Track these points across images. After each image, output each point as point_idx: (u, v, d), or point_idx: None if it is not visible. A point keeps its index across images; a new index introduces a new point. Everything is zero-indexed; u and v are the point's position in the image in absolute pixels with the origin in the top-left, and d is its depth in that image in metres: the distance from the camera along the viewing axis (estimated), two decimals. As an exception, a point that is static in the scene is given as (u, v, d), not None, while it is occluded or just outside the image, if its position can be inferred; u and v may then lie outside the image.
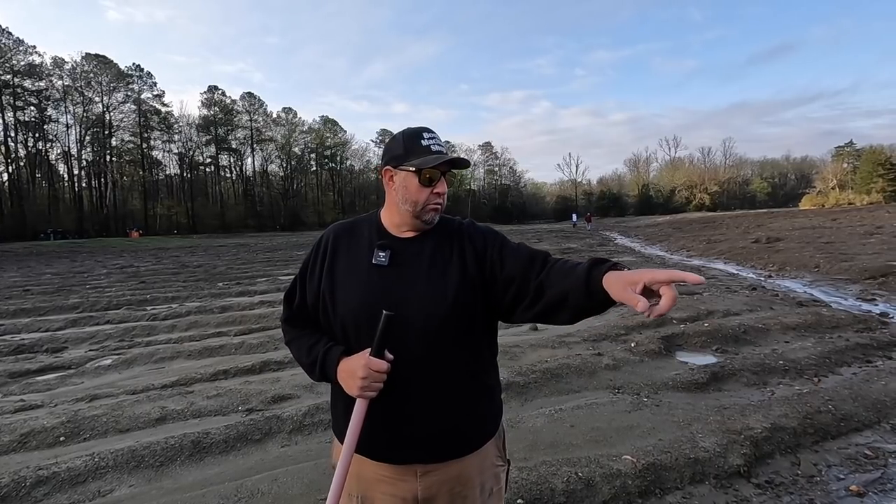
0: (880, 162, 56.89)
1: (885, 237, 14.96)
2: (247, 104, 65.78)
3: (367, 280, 1.17)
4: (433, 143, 1.19)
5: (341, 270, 1.21)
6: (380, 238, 1.21)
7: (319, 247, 1.27)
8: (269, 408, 3.78)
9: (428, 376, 1.14)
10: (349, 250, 1.23)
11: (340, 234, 1.27)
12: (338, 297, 1.19)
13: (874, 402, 3.50)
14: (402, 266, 1.18)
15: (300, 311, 1.28)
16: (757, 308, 6.67)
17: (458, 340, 1.16)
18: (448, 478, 1.16)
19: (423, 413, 1.14)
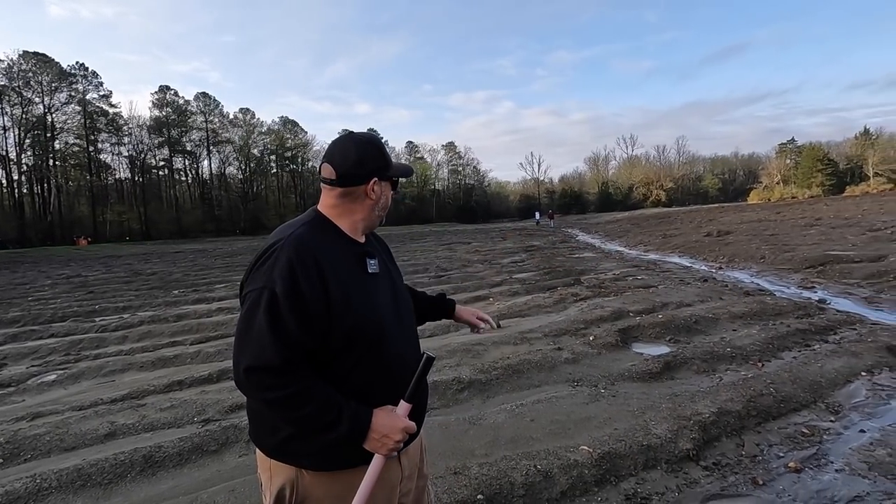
0: (819, 158, 60.61)
1: (823, 228, 15.93)
2: (201, 105, 63.54)
3: (373, 289, 1.21)
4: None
5: (346, 285, 1.13)
6: (357, 246, 1.24)
7: (304, 266, 1.08)
8: (227, 417, 3.68)
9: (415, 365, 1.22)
10: (335, 264, 1.14)
11: (319, 249, 1.14)
12: (357, 314, 1.12)
13: (811, 383, 3.73)
14: (385, 272, 1.29)
15: (299, 348, 1.06)
16: (708, 299, 6.98)
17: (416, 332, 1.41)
18: (413, 451, 1.30)
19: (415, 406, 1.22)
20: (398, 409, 1.14)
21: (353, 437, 1.07)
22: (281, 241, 1.14)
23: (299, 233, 1.17)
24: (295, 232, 1.17)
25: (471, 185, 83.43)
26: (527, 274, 10.91)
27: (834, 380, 3.82)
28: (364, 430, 1.08)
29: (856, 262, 9.04)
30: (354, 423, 1.06)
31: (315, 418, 1.05)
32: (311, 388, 1.06)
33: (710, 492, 2.52)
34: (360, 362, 1.15)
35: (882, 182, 55.77)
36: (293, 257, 1.09)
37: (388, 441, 1.09)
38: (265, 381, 1.05)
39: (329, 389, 1.08)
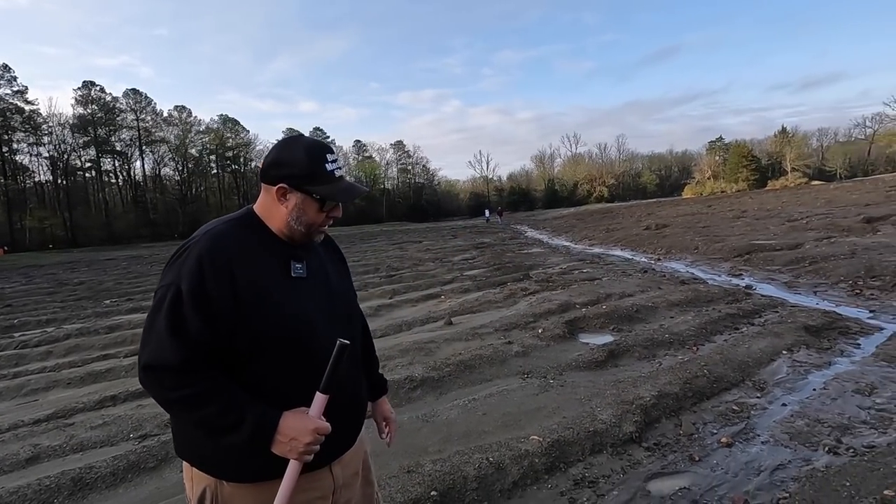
0: (744, 155, 65.15)
1: (748, 220, 17.15)
2: (132, 102, 59.58)
3: (296, 294, 1.13)
4: (337, 167, 1.15)
5: (260, 287, 1.07)
6: (285, 248, 1.16)
7: (214, 264, 1.04)
8: (167, 431, 3.48)
9: (353, 374, 1.24)
10: (256, 266, 1.09)
11: (237, 248, 1.09)
12: (270, 319, 1.06)
13: (740, 363, 4.01)
14: (317, 277, 1.20)
15: (201, 348, 1.02)
16: (647, 289, 7.34)
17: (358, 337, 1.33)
18: (350, 461, 1.25)
19: (340, 413, 1.16)
20: (314, 402, 1.05)
21: (258, 440, 1.01)
22: (196, 237, 1.10)
23: (218, 230, 1.12)
24: (214, 228, 1.13)
25: (421, 183, 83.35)
26: (477, 271, 11.04)
27: (759, 359, 4.12)
28: (269, 432, 1.02)
29: (777, 251, 9.80)
30: (259, 425, 1.01)
31: (216, 420, 1.01)
32: (213, 389, 1.02)
33: (652, 471, 2.66)
34: (279, 367, 1.09)
35: (798, 176, 60.78)
36: (204, 255, 1.05)
37: (298, 444, 1.01)
38: (164, 381, 1.02)
39: (234, 391, 1.03)
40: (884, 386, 3.46)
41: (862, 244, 9.23)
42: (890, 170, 57.97)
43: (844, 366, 3.97)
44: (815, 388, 3.55)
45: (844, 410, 3.15)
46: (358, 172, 75.40)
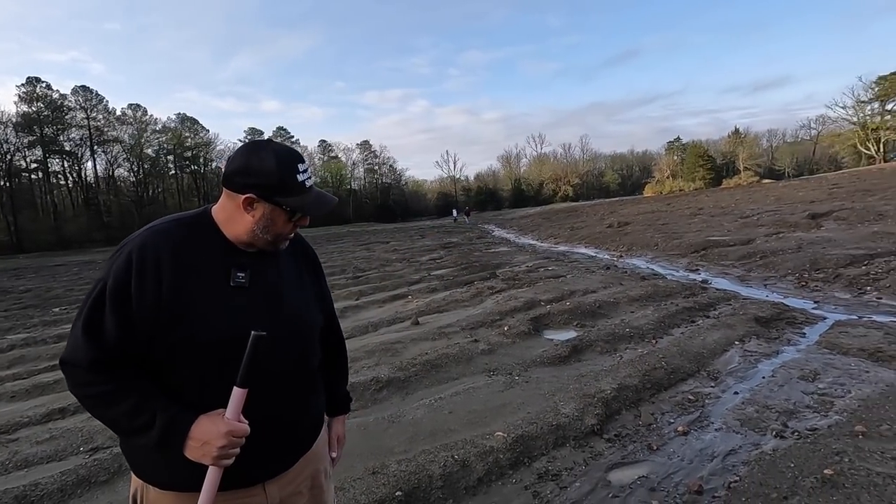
0: (700, 154, 67.75)
1: (705, 217, 17.84)
2: (81, 99, 56.67)
3: (231, 303, 1.06)
4: (307, 177, 1.10)
5: (188, 294, 1.02)
6: (230, 255, 1.10)
7: (143, 264, 1.01)
8: (118, 443, 3.33)
9: (289, 393, 1.15)
10: (195, 269, 1.05)
11: (171, 248, 1.04)
12: (195, 326, 1.02)
13: (695, 354, 4.17)
14: (262, 287, 1.12)
15: (116, 350, 0.99)
16: (610, 285, 7.53)
17: (311, 351, 1.23)
18: (292, 478, 1.18)
19: (273, 432, 1.11)
20: (231, 399, 0.99)
21: (168, 443, 0.98)
22: (138, 233, 1.07)
23: (160, 227, 1.08)
24: (157, 226, 1.09)
25: (388, 184, 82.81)
26: (445, 270, 11.07)
27: (714, 350, 4.30)
28: (179, 436, 0.97)
29: (731, 246, 10.24)
30: (168, 427, 0.97)
31: (125, 420, 0.99)
32: (124, 389, 0.99)
33: (612, 461, 2.73)
34: (198, 381, 1.04)
35: (750, 175, 63.60)
36: (135, 252, 1.02)
37: (211, 448, 0.96)
38: (76, 378, 1.01)
39: (148, 393, 1.00)
40: (825, 372, 3.67)
41: (807, 239, 9.76)
42: (833, 169, 61.52)
43: (791, 354, 4.18)
44: (764, 377, 3.73)
45: (790, 396, 3.33)
46: (324, 173, 74.27)
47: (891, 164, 38.36)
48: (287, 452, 1.16)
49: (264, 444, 1.09)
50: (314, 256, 1.35)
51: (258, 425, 1.05)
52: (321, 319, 1.29)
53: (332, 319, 1.39)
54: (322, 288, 1.34)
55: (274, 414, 1.11)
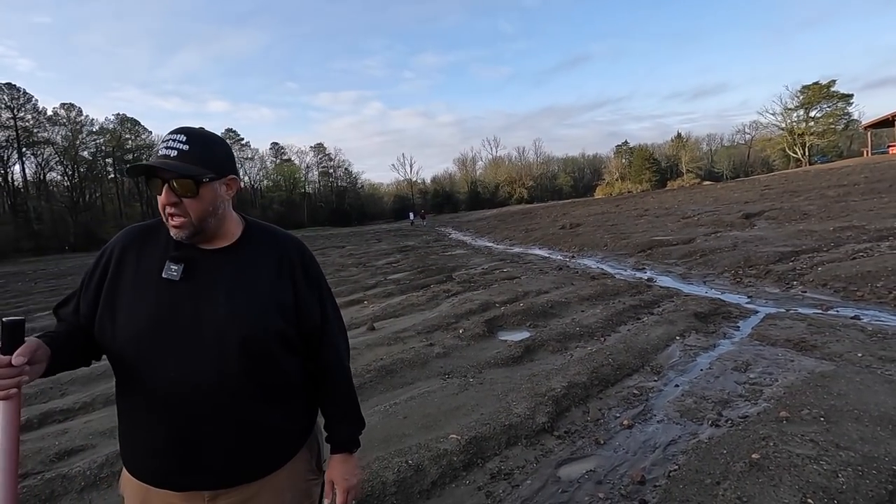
0: (647, 158, 70.90)
1: (650, 217, 18.67)
2: (7, 98, 52.63)
3: (154, 297, 1.06)
4: (165, 146, 1.05)
5: (126, 284, 1.08)
6: (176, 248, 1.09)
7: (102, 257, 1.13)
8: (52, 467, 3.13)
9: (220, 400, 1.06)
10: (139, 261, 1.10)
11: (130, 242, 1.13)
12: (118, 316, 1.06)
13: (640, 350, 4.37)
14: (197, 280, 1.08)
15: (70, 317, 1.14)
16: (562, 285, 7.76)
17: (261, 361, 1.10)
18: (241, 500, 1.12)
19: (212, 438, 1.07)
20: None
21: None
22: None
23: (128, 228, 1.20)
24: (128, 227, 1.21)
25: (343, 187, 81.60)
26: (401, 274, 11.04)
27: (657, 345, 4.52)
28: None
29: (674, 245, 10.77)
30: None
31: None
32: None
33: (562, 457, 2.82)
34: (122, 368, 1.09)
35: (692, 177, 67.17)
36: (103, 251, 1.16)
37: None
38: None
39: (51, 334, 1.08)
40: (756, 362, 3.94)
41: (742, 237, 10.42)
42: (765, 171, 65.87)
43: (726, 347, 4.46)
44: (702, 369, 3.96)
45: (725, 387, 3.55)
46: (277, 176, 72.28)
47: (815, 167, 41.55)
48: (229, 469, 1.09)
49: (203, 451, 1.06)
50: (299, 261, 1.22)
51: (196, 429, 1.05)
52: (276, 329, 1.12)
53: (312, 336, 1.22)
54: (297, 297, 1.18)
55: (212, 421, 1.06)
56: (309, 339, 1.22)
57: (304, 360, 1.24)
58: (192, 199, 1.06)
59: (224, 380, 1.06)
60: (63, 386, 4.72)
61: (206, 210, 1.08)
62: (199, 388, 1.04)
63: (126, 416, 1.13)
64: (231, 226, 1.17)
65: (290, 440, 1.20)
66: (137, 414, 1.09)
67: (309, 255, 1.26)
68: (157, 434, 1.06)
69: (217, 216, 1.12)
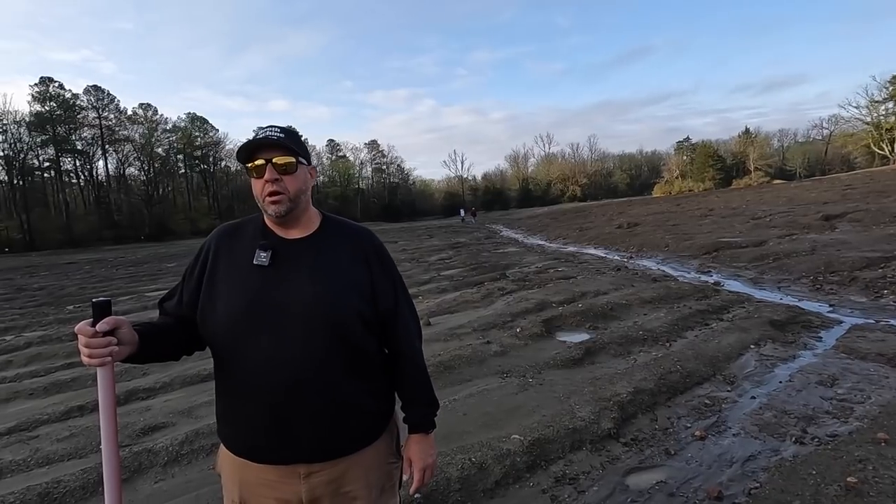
0: (710, 154, 67.23)
1: (715, 218, 17.70)
2: (93, 99, 57.28)
3: (247, 281, 1.15)
4: (262, 133, 1.17)
5: (222, 273, 1.18)
6: (263, 238, 1.20)
7: (202, 251, 1.24)
8: (139, 441, 3.37)
9: (305, 380, 1.12)
10: (231, 252, 1.20)
11: (223, 236, 1.24)
12: (217, 303, 1.16)
13: (710, 358, 4.14)
14: (284, 266, 1.17)
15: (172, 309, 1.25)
16: (621, 286, 7.50)
17: (344, 342, 1.16)
18: (333, 478, 1.17)
19: (305, 413, 1.12)
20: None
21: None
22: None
23: (223, 224, 1.30)
24: (223, 223, 1.30)
25: (395, 183, 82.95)
26: (454, 270, 11.07)
27: (729, 354, 4.27)
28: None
29: (743, 248, 10.15)
30: None
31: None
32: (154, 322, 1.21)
33: (630, 466, 2.72)
34: (220, 349, 1.17)
35: (761, 176, 63.08)
36: (204, 241, 1.27)
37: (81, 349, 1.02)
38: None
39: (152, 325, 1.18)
40: (844, 377, 3.63)
41: (821, 241, 9.66)
42: (845, 169, 60.78)
43: (808, 358, 4.14)
44: (781, 381, 3.70)
45: (809, 402, 3.30)
46: (332, 172, 74.50)
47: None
48: (323, 443, 1.15)
49: (298, 426, 1.12)
50: (373, 249, 1.28)
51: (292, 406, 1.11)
52: (356, 308, 1.18)
53: (386, 317, 1.27)
54: (372, 280, 1.23)
55: (306, 397, 1.11)
56: (383, 322, 1.27)
57: (381, 342, 1.30)
58: (291, 177, 1.17)
59: (313, 357, 1.12)
60: (144, 366, 5.09)
61: (300, 188, 1.19)
62: (292, 364, 1.11)
63: (225, 395, 1.19)
64: (312, 215, 1.27)
65: (375, 420, 1.25)
66: (236, 391, 1.16)
67: (381, 243, 1.32)
68: (256, 409, 1.12)
69: (306, 196, 1.23)
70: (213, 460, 1.18)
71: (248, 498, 1.18)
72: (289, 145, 1.17)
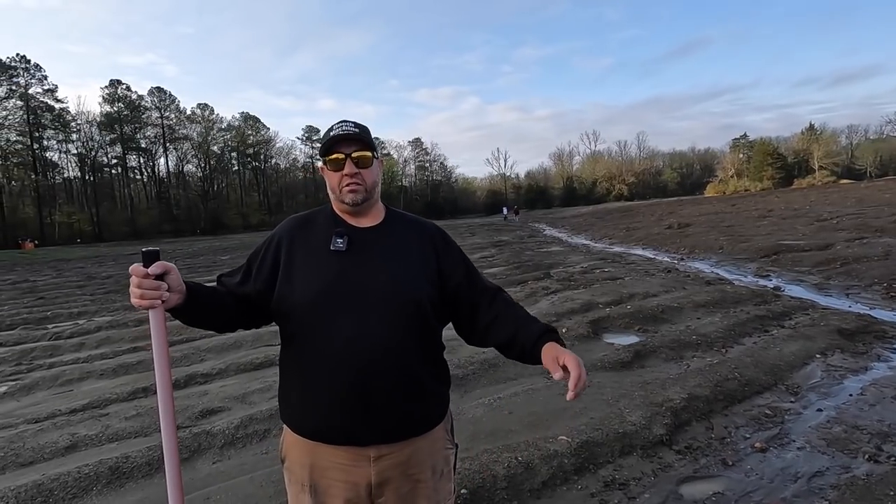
0: (769, 152, 63.65)
1: (775, 219, 16.74)
2: (156, 100, 60.90)
3: (325, 266, 1.20)
4: (340, 128, 1.23)
5: (300, 260, 1.23)
6: (337, 226, 1.25)
7: (273, 239, 1.28)
8: (198, 423, 3.56)
9: (384, 360, 1.16)
10: (307, 241, 1.26)
11: (295, 227, 1.30)
12: (295, 286, 1.20)
13: (771, 366, 3.92)
14: (360, 252, 1.22)
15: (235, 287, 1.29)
16: (672, 289, 7.22)
17: (414, 326, 1.20)
18: (400, 461, 1.20)
19: (382, 394, 1.15)
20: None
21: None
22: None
23: (294, 215, 1.35)
24: (294, 214, 1.36)
25: (438, 181, 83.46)
26: (497, 269, 11.01)
27: (792, 362, 4.03)
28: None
29: (806, 251, 9.55)
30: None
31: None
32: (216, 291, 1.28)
33: (684, 474, 2.62)
34: (298, 331, 1.20)
35: (826, 175, 59.17)
36: (275, 231, 1.33)
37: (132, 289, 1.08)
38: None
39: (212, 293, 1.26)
40: (925, 393, 3.35)
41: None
42: (924, 168, 56.03)
43: (882, 371, 3.85)
44: (851, 394, 3.45)
45: (884, 417, 3.06)
46: (376, 169, 75.72)
47: None
48: (394, 426, 1.17)
49: (372, 408, 1.14)
50: (437, 235, 1.33)
51: (366, 388, 1.13)
52: (427, 291, 1.22)
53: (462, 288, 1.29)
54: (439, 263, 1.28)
55: (380, 380, 1.14)
56: (457, 298, 1.29)
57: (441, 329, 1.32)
58: (367, 170, 1.24)
59: (389, 339, 1.16)
60: (202, 353, 5.36)
61: (374, 180, 1.26)
62: (370, 346, 1.14)
63: (298, 377, 1.22)
64: (379, 206, 1.34)
65: (440, 402, 1.29)
66: (314, 372, 1.18)
67: (446, 232, 1.38)
68: (334, 389, 1.14)
69: (378, 188, 1.30)
70: (267, 446, 1.22)
71: (319, 481, 1.19)
72: (366, 140, 1.23)
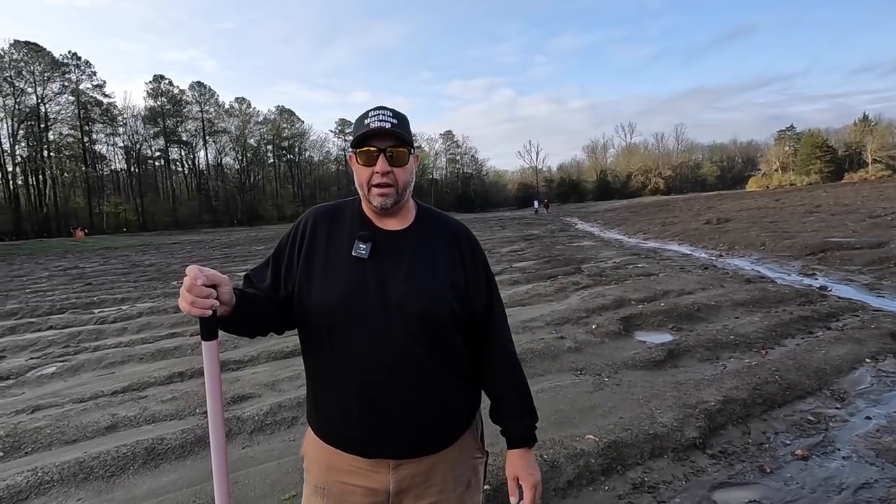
0: (818, 145, 60.48)
1: (823, 215, 15.91)
2: (196, 94, 62.83)
3: (345, 273, 1.12)
4: (376, 118, 1.09)
5: (319, 259, 1.15)
6: (362, 228, 1.16)
7: (298, 229, 1.19)
8: (229, 408, 3.65)
9: (405, 372, 1.10)
10: (329, 238, 1.17)
11: (321, 218, 1.20)
12: (313, 289, 1.13)
13: (816, 370, 3.72)
14: (383, 260, 1.14)
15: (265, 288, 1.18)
16: (709, 286, 6.96)
17: (437, 338, 1.13)
18: (421, 471, 1.15)
19: (400, 409, 1.11)
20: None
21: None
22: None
23: (321, 205, 1.26)
24: (321, 203, 1.27)
25: (469, 173, 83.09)
26: (527, 263, 10.88)
27: (838, 367, 3.81)
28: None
29: (856, 249, 9.03)
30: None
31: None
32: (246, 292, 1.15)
33: (718, 480, 2.51)
34: (315, 340, 1.14)
35: (881, 169, 55.79)
36: (298, 223, 1.22)
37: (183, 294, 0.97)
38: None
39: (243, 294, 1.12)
40: None
41: (959, 244, 8.34)
42: None
43: (939, 378, 3.59)
44: (904, 402, 3.24)
45: (941, 428, 2.85)
46: (407, 162, 76.09)
47: None
48: (414, 440, 1.13)
49: (392, 421, 1.10)
50: (468, 245, 1.23)
51: (386, 400, 1.09)
52: (451, 307, 1.14)
53: (479, 318, 1.20)
54: (467, 279, 1.18)
55: (401, 393, 1.09)
56: (475, 320, 1.20)
57: (469, 338, 1.22)
58: (401, 169, 1.12)
59: (409, 352, 1.09)
60: (234, 339, 5.51)
61: (407, 180, 1.14)
62: (388, 359, 1.08)
63: (317, 382, 1.18)
64: (410, 205, 1.22)
65: (463, 415, 1.22)
66: (329, 381, 1.14)
67: (476, 240, 1.26)
68: (349, 401, 1.10)
69: (411, 188, 1.17)
70: (294, 433, 1.23)
71: (334, 484, 1.15)
72: (403, 135, 1.11)
